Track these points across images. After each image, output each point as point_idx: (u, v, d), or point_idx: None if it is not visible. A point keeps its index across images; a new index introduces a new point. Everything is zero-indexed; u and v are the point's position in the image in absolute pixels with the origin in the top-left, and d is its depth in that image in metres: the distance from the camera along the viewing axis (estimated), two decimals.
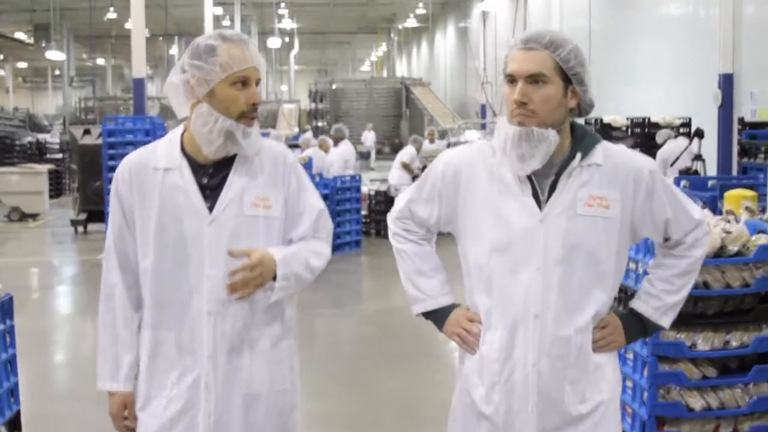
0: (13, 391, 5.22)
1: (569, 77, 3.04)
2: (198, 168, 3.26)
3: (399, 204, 3.41)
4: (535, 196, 3.08)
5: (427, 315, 3.36)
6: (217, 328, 3.22)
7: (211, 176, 3.25)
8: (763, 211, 5.62)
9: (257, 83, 3.23)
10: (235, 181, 3.24)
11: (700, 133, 13.27)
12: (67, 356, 9.38)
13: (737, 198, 5.52)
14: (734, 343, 5.02)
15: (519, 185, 3.08)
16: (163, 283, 3.25)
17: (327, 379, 8.13)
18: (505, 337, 3.08)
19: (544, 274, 3.04)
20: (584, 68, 3.07)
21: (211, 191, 3.24)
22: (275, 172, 3.31)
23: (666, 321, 3.26)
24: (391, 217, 3.44)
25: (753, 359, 5.13)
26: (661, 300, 3.23)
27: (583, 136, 3.13)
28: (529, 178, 3.08)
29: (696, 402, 5.00)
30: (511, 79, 3.06)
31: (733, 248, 4.92)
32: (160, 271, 3.24)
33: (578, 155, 3.06)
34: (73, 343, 10.02)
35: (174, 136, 3.33)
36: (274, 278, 3.22)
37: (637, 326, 3.25)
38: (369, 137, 36.03)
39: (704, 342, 4.98)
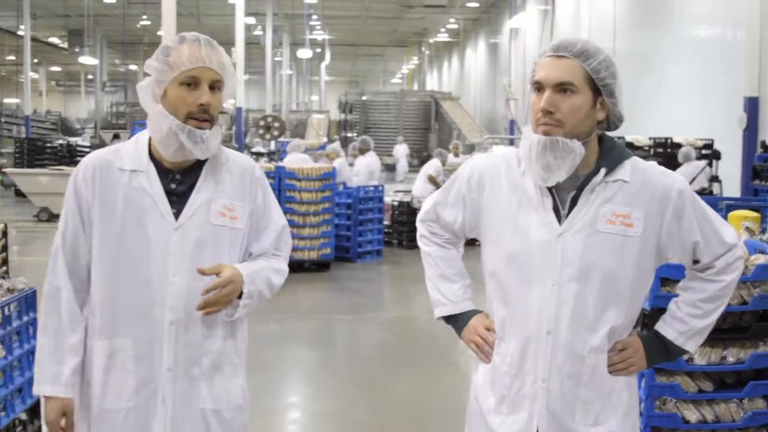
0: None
1: (599, 88, 2.94)
2: (165, 173, 3.16)
3: (426, 206, 3.37)
4: (556, 210, 2.99)
5: (448, 320, 3.32)
6: (179, 339, 3.12)
7: (179, 182, 3.16)
8: (763, 232, 5.73)
9: (216, 87, 3.12)
10: (203, 189, 3.16)
11: (717, 155, 13.39)
12: None
13: (739, 218, 5.60)
14: (731, 359, 5.09)
15: (540, 198, 3.00)
16: (121, 289, 3.11)
17: (342, 382, 8.38)
18: (518, 350, 3.03)
19: (559, 290, 2.96)
20: (615, 80, 2.97)
21: (177, 197, 3.14)
22: (242, 184, 3.25)
23: (692, 345, 3.14)
24: (418, 219, 3.41)
25: (750, 375, 5.21)
26: (686, 324, 3.11)
27: (611, 150, 3.02)
28: (551, 191, 3.00)
29: (692, 414, 5.07)
30: (539, 87, 2.96)
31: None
32: (118, 275, 3.11)
33: (602, 171, 2.96)
34: None
35: (141, 139, 3.21)
36: (240, 295, 3.16)
37: (660, 350, 3.15)
38: (400, 150, 35.80)
39: (701, 356, 5.06)
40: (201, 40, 3.11)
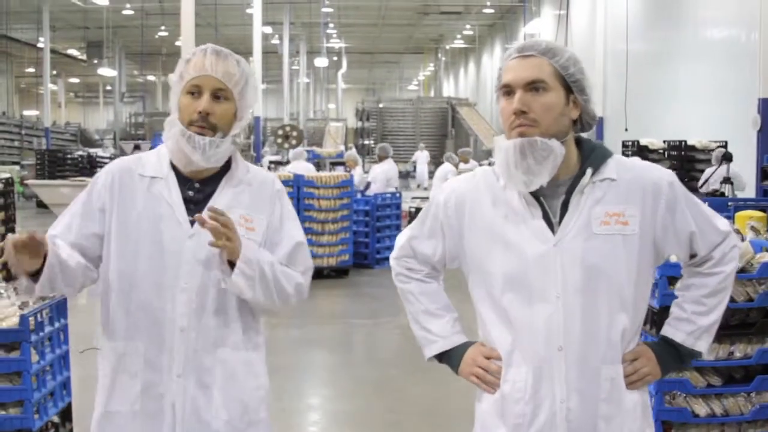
0: (66, 385, 5.50)
1: (569, 85, 2.82)
2: (184, 181, 3.16)
3: (400, 241, 3.17)
4: (546, 219, 2.83)
5: (441, 357, 3.12)
6: (189, 345, 3.08)
7: (197, 191, 3.16)
8: None
9: (220, 96, 3.10)
10: (221, 197, 3.15)
11: (728, 157, 13.43)
12: None
13: (744, 218, 5.73)
14: (738, 354, 5.16)
15: (528, 208, 2.84)
16: (134, 293, 3.10)
17: (360, 384, 8.55)
18: (529, 374, 2.83)
19: (565, 302, 2.79)
20: (584, 76, 2.85)
21: (195, 205, 3.12)
22: (262, 196, 3.22)
23: (702, 345, 2.99)
24: (392, 257, 3.21)
25: (757, 370, 5.30)
26: (693, 324, 2.96)
27: (592, 150, 2.88)
28: (537, 199, 2.84)
29: (701, 408, 5.14)
30: (508, 91, 2.82)
31: (738, 265, 5.11)
32: (132, 280, 3.09)
33: (589, 171, 2.82)
34: None
35: (163, 149, 3.22)
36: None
37: (671, 355, 2.99)
38: (422, 157, 35.51)
39: (710, 352, 5.18)
40: (208, 50, 3.13)
